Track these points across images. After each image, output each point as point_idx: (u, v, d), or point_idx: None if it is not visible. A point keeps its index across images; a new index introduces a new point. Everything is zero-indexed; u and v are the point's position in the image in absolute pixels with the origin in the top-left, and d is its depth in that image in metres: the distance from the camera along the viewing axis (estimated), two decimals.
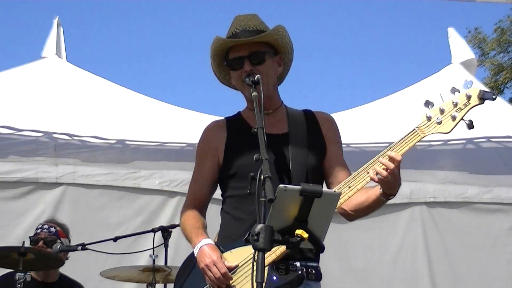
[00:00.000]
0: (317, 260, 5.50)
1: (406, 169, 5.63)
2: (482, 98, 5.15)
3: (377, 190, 5.31)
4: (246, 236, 4.68)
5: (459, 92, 5.22)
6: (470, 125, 5.18)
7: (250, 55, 5.55)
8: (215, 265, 5.23)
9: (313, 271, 5.45)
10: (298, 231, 4.67)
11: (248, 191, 5.04)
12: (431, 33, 47.48)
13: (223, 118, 5.89)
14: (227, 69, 5.75)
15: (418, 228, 10.70)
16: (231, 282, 5.28)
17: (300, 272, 5.24)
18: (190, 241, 5.52)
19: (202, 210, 5.72)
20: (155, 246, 8.08)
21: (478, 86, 5.37)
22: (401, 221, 10.68)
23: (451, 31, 13.92)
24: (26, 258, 7.69)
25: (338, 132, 5.96)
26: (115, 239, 8.44)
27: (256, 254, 4.51)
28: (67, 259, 8.41)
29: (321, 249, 4.81)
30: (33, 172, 10.25)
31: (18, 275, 7.59)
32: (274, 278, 5.17)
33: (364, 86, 51.69)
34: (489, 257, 10.74)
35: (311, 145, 5.68)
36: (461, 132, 5.46)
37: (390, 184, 5.26)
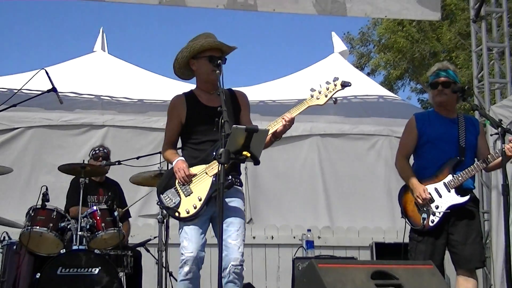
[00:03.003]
0: (240, 174, 5.77)
1: (309, 115, 5.73)
2: (343, 85, 5.58)
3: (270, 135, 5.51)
4: (214, 155, 5.12)
5: (330, 83, 5.61)
6: (335, 102, 5.64)
7: (220, 57, 5.64)
8: (183, 170, 5.50)
9: (238, 181, 5.61)
10: (244, 153, 4.92)
11: (215, 129, 5.03)
12: (322, 34, 47.10)
13: (182, 94, 5.96)
14: (188, 62, 5.84)
15: (315, 150, 10.70)
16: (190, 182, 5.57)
17: (230, 180, 5.42)
18: (170, 160, 5.79)
19: (174, 147, 5.94)
20: (161, 161, 8.01)
21: (341, 78, 5.66)
22: (305, 145, 10.68)
23: (333, 34, 13.86)
24: (85, 169, 7.66)
25: (248, 102, 6.04)
26: (138, 158, 8.42)
27: (219, 166, 4.79)
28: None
29: (258, 162, 5.04)
30: (89, 119, 10.20)
31: (81, 179, 7.54)
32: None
33: (275, 68, 51.22)
34: (357, 166, 10.77)
35: (233, 110, 5.74)
36: (340, 93, 5.58)
37: (283, 132, 5.56)
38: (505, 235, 5.97)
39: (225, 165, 4.83)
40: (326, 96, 5.56)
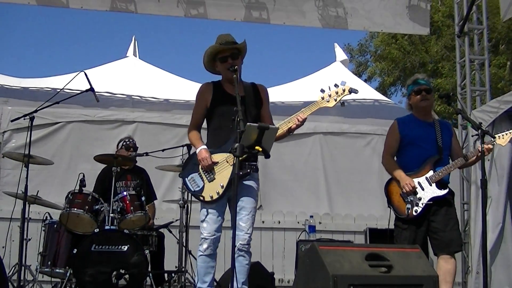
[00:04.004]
0: (256, 161, 5.73)
1: (313, 115, 5.75)
2: (350, 91, 5.70)
3: (285, 130, 5.63)
4: (231, 149, 5.16)
5: (338, 86, 5.72)
6: (342, 104, 5.75)
7: (231, 54, 5.79)
8: (207, 159, 5.57)
9: (254, 167, 5.70)
10: (256, 147, 4.99)
11: (231, 126, 5.19)
12: (325, 45, 47.06)
13: (211, 82, 6.04)
14: (213, 62, 5.92)
15: (318, 146, 10.68)
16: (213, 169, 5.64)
17: (248, 170, 5.57)
18: (194, 145, 5.82)
19: (199, 129, 5.98)
20: (183, 153, 8.04)
21: (348, 83, 5.82)
22: (309, 142, 10.66)
23: (336, 45, 13.82)
24: (117, 159, 7.68)
25: (268, 96, 6.10)
26: (163, 150, 8.41)
27: (234, 159, 4.88)
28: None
29: (268, 156, 5.09)
30: (121, 115, 10.20)
31: (113, 168, 7.56)
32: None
33: (284, 73, 51.19)
34: (354, 161, 10.75)
35: (255, 102, 5.90)
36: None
37: (297, 128, 5.65)
38: (482, 224, 6.06)
39: (240, 157, 4.91)
40: (335, 100, 5.69)
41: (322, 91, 5.71)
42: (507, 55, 25.23)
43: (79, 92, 7.65)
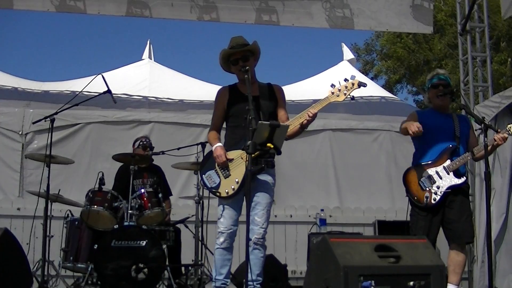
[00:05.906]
0: (273, 157, 5.58)
1: (322, 112, 5.73)
2: (359, 85, 5.66)
3: (297, 127, 5.66)
4: (243, 147, 5.18)
5: (348, 81, 5.68)
6: (352, 99, 5.73)
7: (242, 57, 5.83)
8: (221, 156, 5.61)
9: (270, 163, 5.63)
10: (268, 144, 4.99)
11: (243, 124, 5.29)
12: (333, 45, 47.02)
13: (227, 85, 6.07)
14: (228, 64, 5.96)
15: (327, 142, 10.65)
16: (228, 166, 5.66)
17: (263, 165, 5.50)
18: (211, 143, 5.80)
19: (218, 131, 5.97)
20: (198, 151, 8.06)
21: (357, 78, 5.80)
22: (318, 138, 10.63)
23: (343, 44, 13.75)
24: (134, 158, 7.69)
25: (284, 95, 6.10)
26: (178, 149, 8.42)
27: (247, 156, 4.90)
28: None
29: (279, 153, 5.12)
30: (138, 116, 10.21)
31: (131, 166, 7.57)
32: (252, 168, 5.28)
33: (294, 73, 51.19)
34: (362, 156, 10.70)
35: (270, 102, 5.91)
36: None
37: (308, 124, 5.64)
38: (486, 215, 6.04)
39: (252, 154, 4.94)
40: (344, 94, 5.66)
41: (332, 86, 5.69)
42: (508, 52, 25.16)
43: (97, 94, 7.66)
